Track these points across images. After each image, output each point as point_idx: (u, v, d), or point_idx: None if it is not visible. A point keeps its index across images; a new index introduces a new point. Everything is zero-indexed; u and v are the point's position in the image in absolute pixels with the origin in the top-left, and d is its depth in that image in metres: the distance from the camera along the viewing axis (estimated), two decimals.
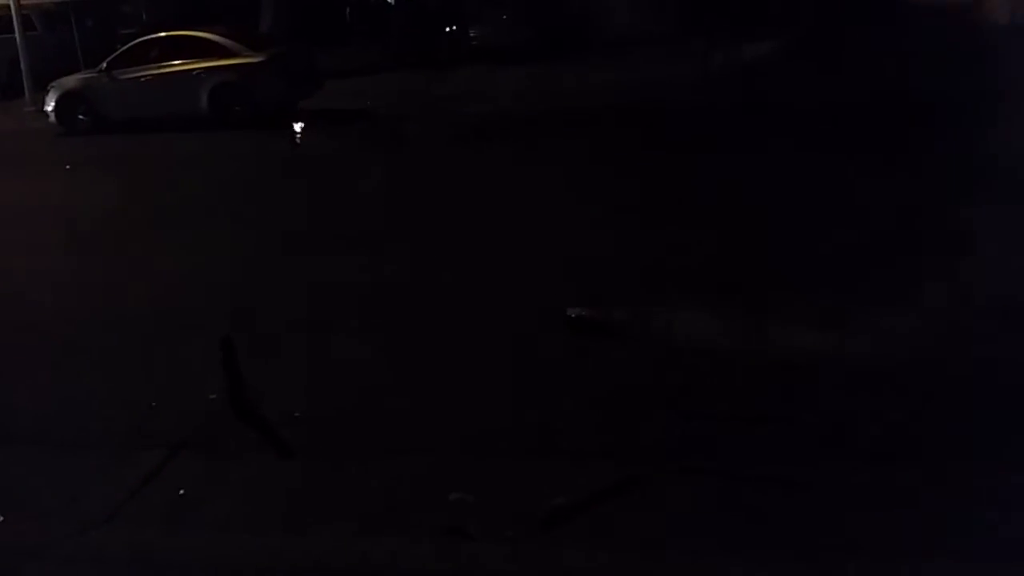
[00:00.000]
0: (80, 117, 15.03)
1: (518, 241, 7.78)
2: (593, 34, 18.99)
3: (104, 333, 6.42)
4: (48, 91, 15.38)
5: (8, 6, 17.85)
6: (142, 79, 14.75)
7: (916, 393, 4.75)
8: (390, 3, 25.51)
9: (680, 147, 10.71)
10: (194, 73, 14.54)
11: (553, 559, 3.72)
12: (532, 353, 5.60)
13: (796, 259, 6.79)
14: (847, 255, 6.70)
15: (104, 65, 15.11)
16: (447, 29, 21.85)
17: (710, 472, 4.17)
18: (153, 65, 14.81)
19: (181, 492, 4.34)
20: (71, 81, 15.37)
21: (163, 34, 15.32)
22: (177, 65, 14.68)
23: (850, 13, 16.96)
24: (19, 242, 8.77)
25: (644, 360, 5.37)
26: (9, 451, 4.80)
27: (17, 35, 17.66)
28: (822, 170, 8.97)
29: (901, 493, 3.94)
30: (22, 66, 17.70)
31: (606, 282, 6.64)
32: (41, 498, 4.39)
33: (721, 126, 11.62)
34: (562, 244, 7.54)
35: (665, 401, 4.86)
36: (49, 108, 15.21)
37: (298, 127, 13.44)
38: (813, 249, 6.94)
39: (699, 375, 5.13)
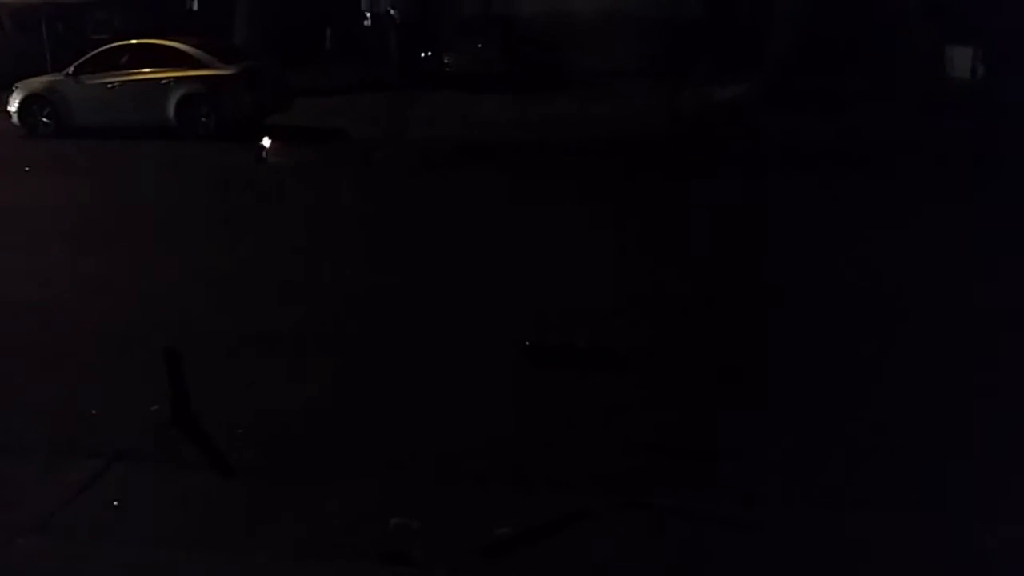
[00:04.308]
0: (43, 120, 14.82)
1: (473, 266, 7.81)
2: (566, 67, 19.18)
3: (39, 335, 6.33)
4: (12, 91, 15.16)
5: None
6: (109, 85, 14.59)
7: None
8: (367, 25, 25.62)
9: (641, 178, 11.03)
10: (162, 82, 14.42)
11: None
12: (485, 380, 5.57)
13: None
14: None
15: (71, 69, 14.92)
16: (422, 54, 21.97)
17: (656, 507, 4.15)
18: (121, 72, 14.65)
19: (115, 503, 4.25)
20: (36, 83, 15.14)
21: (133, 41, 15.16)
22: (145, 73, 14.54)
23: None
24: None
25: (600, 390, 5.37)
26: None
27: None
28: None
29: (850, 537, 3.95)
30: None
31: (561, 307, 6.67)
32: None
33: (682, 161, 12.00)
34: (517, 271, 7.59)
35: (617, 432, 4.86)
36: (12, 109, 14.98)
37: (265, 142, 13.34)
38: None
39: (654, 407, 5.14)
